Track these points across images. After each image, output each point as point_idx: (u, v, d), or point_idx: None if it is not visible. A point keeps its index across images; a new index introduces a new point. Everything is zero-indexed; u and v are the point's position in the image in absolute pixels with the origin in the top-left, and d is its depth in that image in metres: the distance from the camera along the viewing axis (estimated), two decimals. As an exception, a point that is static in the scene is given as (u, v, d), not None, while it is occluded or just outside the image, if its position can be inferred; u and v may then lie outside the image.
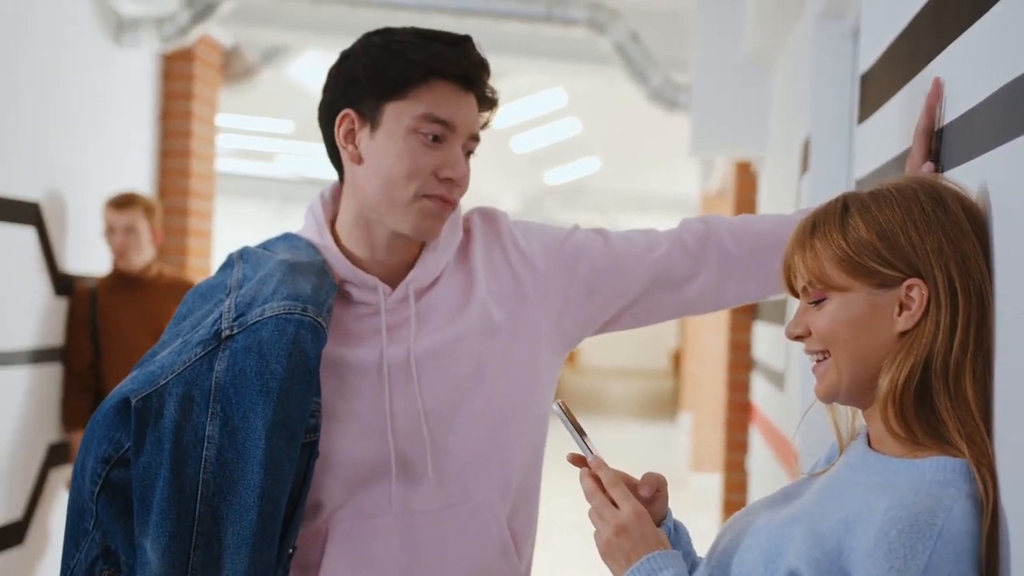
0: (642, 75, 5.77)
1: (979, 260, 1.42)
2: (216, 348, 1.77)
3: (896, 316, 1.43)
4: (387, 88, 1.82)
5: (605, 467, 1.59)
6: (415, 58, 1.81)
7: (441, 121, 1.82)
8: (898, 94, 2.10)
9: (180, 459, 1.73)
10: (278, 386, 1.73)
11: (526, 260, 1.97)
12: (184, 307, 1.91)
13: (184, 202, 5.93)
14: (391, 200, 1.84)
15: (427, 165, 1.82)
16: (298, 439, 1.76)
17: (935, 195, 1.45)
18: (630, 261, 1.99)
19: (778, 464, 4.52)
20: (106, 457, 1.76)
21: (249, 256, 1.92)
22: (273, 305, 1.77)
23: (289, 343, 1.74)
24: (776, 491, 1.62)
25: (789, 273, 1.53)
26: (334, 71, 1.89)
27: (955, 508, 1.32)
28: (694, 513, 9.32)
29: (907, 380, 1.40)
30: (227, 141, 12.15)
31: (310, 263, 1.85)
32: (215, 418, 1.74)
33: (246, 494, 1.73)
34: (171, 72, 5.94)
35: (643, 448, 14.04)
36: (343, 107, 1.85)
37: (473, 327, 1.89)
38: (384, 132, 1.82)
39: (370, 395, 1.84)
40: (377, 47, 1.84)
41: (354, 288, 1.88)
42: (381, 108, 1.82)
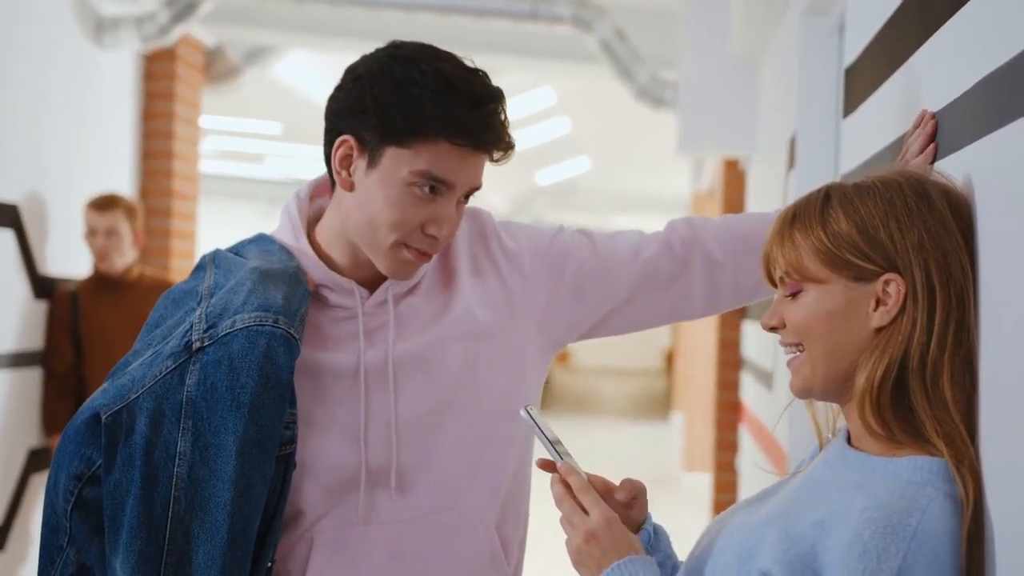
0: (628, 72, 5.75)
1: (961, 257, 1.39)
2: (187, 361, 1.72)
3: (872, 311, 1.41)
4: (393, 133, 1.72)
5: (575, 472, 1.55)
6: (430, 115, 1.70)
7: (441, 181, 1.74)
8: (882, 87, 2.09)
9: (151, 476, 1.69)
10: (249, 400, 1.68)
11: (512, 261, 1.93)
12: (156, 313, 1.86)
13: (167, 203, 5.89)
14: (371, 240, 1.78)
15: (415, 219, 1.74)
16: (271, 454, 1.71)
17: (920, 189, 1.43)
18: (618, 264, 1.95)
19: (767, 464, 4.51)
20: (78, 475, 1.72)
21: (221, 261, 1.87)
22: (244, 316, 1.72)
23: (260, 356, 1.69)
24: (756, 493, 1.59)
25: (768, 263, 1.50)
26: (346, 85, 1.78)
27: (931, 508, 1.30)
28: (686, 513, 9.31)
29: (883, 378, 1.38)
30: (215, 143, 12.13)
31: (282, 270, 1.79)
32: (186, 434, 1.70)
33: (217, 512, 1.69)
34: (153, 72, 5.90)
35: (636, 448, 14.03)
36: (345, 131, 1.76)
37: (456, 330, 1.85)
38: (380, 174, 1.74)
39: (348, 400, 1.80)
40: (395, 84, 1.72)
41: (330, 292, 1.83)
42: (383, 148, 1.73)
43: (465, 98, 1.71)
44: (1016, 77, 1.28)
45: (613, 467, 11.80)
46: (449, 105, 1.70)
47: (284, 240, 1.86)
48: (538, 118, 11.52)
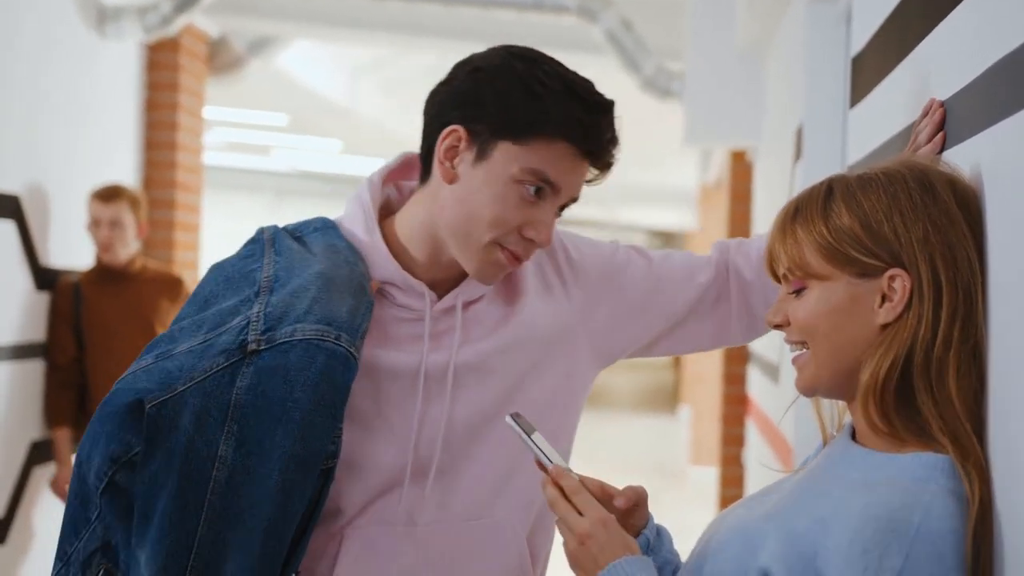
0: (634, 63, 5.71)
1: (968, 251, 1.36)
2: (240, 361, 1.66)
3: (877, 308, 1.38)
4: (511, 127, 1.68)
5: (566, 475, 1.52)
6: (554, 114, 1.68)
7: (549, 182, 1.70)
8: (890, 76, 2.06)
9: (188, 475, 1.64)
10: (300, 417, 1.63)
11: (576, 273, 1.90)
12: (206, 288, 1.79)
13: (171, 195, 5.87)
14: (465, 236, 1.73)
15: (516, 219, 1.71)
16: (315, 470, 1.66)
17: (924, 181, 1.40)
18: (673, 284, 1.93)
19: (774, 458, 4.48)
20: (114, 457, 1.66)
21: (283, 247, 1.79)
22: (305, 327, 1.66)
23: (318, 373, 1.64)
24: (758, 490, 1.57)
25: (771, 259, 1.47)
26: (460, 76, 1.74)
27: (934, 506, 1.28)
28: (693, 507, 9.29)
29: (888, 375, 1.35)
30: (221, 135, 12.11)
31: (348, 278, 1.73)
32: (230, 438, 1.64)
33: (253, 524, 1.64)
34: (156, 63, 5.87)
35: (643, 441, 14.02)
36: (455, 122, 1.72)
37: (517, 339, 1.81)
38: (488, 168, 1.70)
39: (404, 402, 1.75)
40: (518, 80, 1.69)
41: (398, 291, 1.78)
42: (494, 142, 1.69)
43: (587, 103, 1.70)
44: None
45: (621, 461, 11.83)
46: (572, 108, 1.68)
47: (354, 231, 1.80)
48: (545, 110, 11.42)
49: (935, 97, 1.65)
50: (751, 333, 1.99)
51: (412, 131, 8.05)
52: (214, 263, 1.82)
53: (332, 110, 9.48)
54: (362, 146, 12.37)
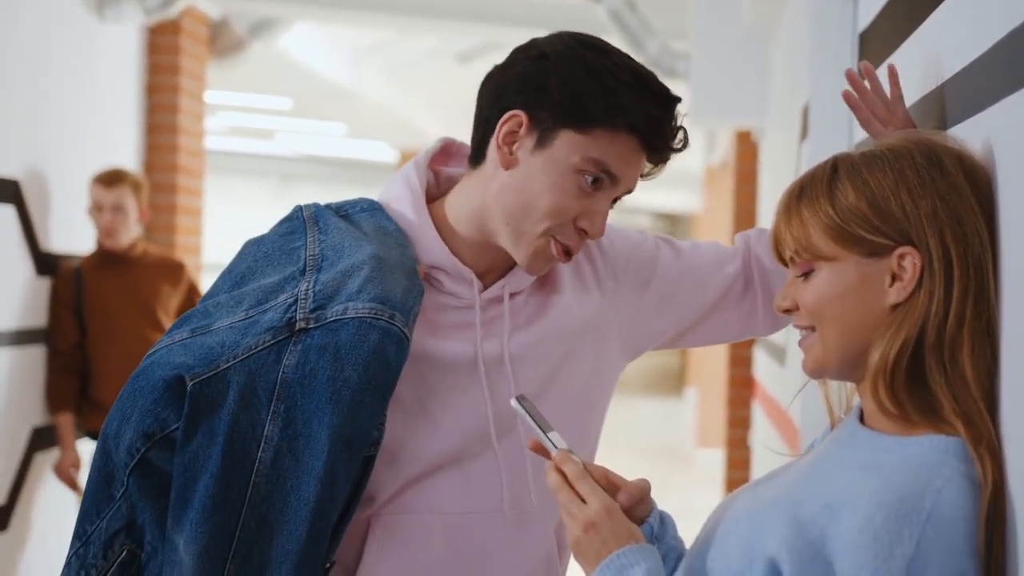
0: (638, 43, 5.67)
1: (978, 225, 1.33)
2: (287, 339, 1.61)
3: (888, 287, 1.35)
4: (577, 116, 1.64)
5: (570, 460, 1.49)
6: (625, 105, 1.64)
7: (610, 173, 1.66)
8: (898, 50, 2.03)
9: (232, 455, 1.59)
10: (350, 396, 1.59)
11: (608, 263, 1.87)
12: (243, 263, 1.74)
13: (172, 179, 5.85)
14: (519, 224, 1.69)
15: (572, 209, 1.67)
16: (361, 454, 1.62)
17: (931, 155, 1.36)
18: (702, 276, 1.90)
19: (780, 441, 4.46)
20: (149, 433, 1.61)
21: (328, 226, 1.74)
22: (358, 305, 1.61)
23: (370, 351, 1.59)
24: (764, 475, 1.53)
25: (777, 242, 1.44)
26: (524, 61, 1.69)
27: (946, 490, 1.25)
28: (699, 489, 9.28)
29: (899, 355, 1.32)
30: (225, 119, 12.10)
31: (400, 260, 1.69)
32: (276, 418, 1.60)
33: (298, 507, 1.60)
34: (156, 45, 5.84)
35: (650, 424, 14.03)
36: (517, 107, 1.67)
37: (553, 330, 1.79)
38: (548, 156, 1.66)
39: (450, 391, 1.72)
40: (588, 69, 1.64)
41: (446, 277, 1.74)
42: (557, 130, 1.65)
43: (657, 97, 1.67)
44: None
45: (628, 443, 11.83)
46: (641, 100, 1.64)
47: (403, 212, 1.76)
48: (549, 92, 11.39)
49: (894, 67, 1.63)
50: (776, 325, 1.96)
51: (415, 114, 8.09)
52: (249, 239, 1.78)
53: (335, 93, 9.45)
54: (366, 130, 12.34)
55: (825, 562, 1.25)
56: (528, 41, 1.72)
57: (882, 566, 1.21)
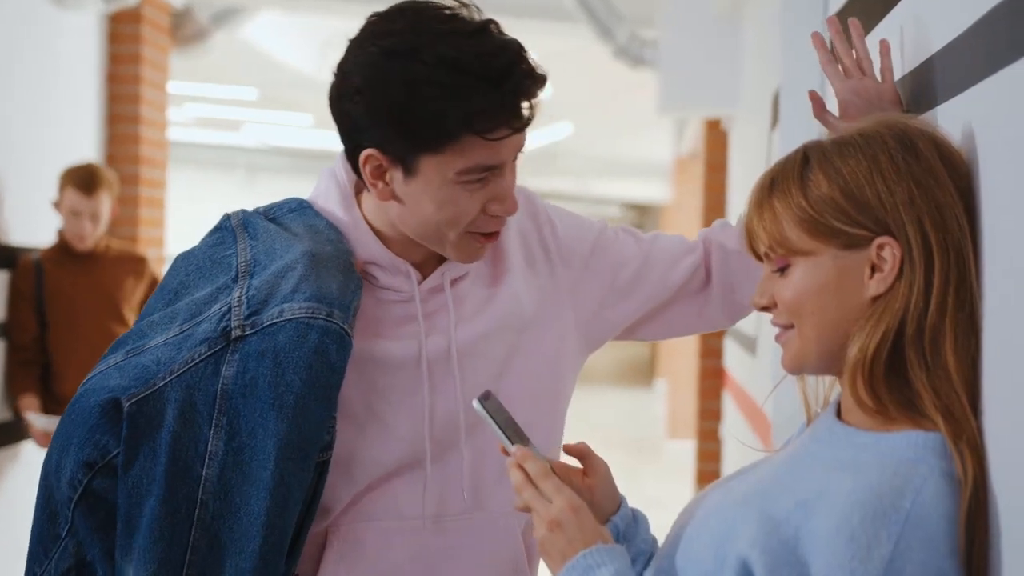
0: (607, 31, 5.63)
1: (956, 211, 1.29)
2: (224, 349, 1.56)
3: (868, 279, 1.30)
4: (421, 144, 1.55)
5: (532, 457, 1.44)
6: (454, 117, 1.53)
7: (489, 168, 1.58)
8: (872, 32, 1.99)
9: (176, 475, 1.54)
10: (294, 401, 1.53)
11: (563, 252, 1.81)
12: (175, 278, 1.68)
13: (135, 170, 5.78)
14: (433, 238, 1.63)
15: (474, 207, 1.60)
16: (311, 460, 1.57)
17: (905, 139, 1.32)
18: (661, 266, 1.86)
19: (752, 432, 4.43)
20: (89, 463, 1.56)
21: (257, 230, 1.68)
22: (293, 306, 1.56)
23: (310, 352, 1.54)
24: (736, 470, 1.49)
25: (750, 237, 1.39)
26: (347, 98, 1.59)
27: (925, 488, 1.21)
28: (670, 481, 9.27)
29: (878, 348, 1.28)
30: (190, 110, 12.01)
31: (335, 255, 1.63)
32: (219, 432, 1.55)
33: (249, 522, 1.54)
34: (117, 34, 5.78)
35: (619, 415, 14.03)
36: (367, 145, 1.58)
37: (503, 320, 1.73)
38: (422, 182, 1.58)
39: (398, 392, 1.66)
40: (402, 89, 1.53)
41: (380, 271, 1.68)
42: (416, 157, 1.56)
43: (483, 81, 1.53)
44: (1020, 13, 1.17)
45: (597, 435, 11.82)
46: (469, 97, 1.52)
47: (332, 210, 1.70)
48: (518, 82, 11.37)
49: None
50: (736, 315, 1.92)
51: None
52: (179, 253, 1.72)
53: (302, 83, 9.40)
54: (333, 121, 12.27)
55: (800, 562, 1.21)
56: (341, 59, 1.61)
57: (859, 568, 1.18)
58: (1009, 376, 1.18)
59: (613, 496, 1.54)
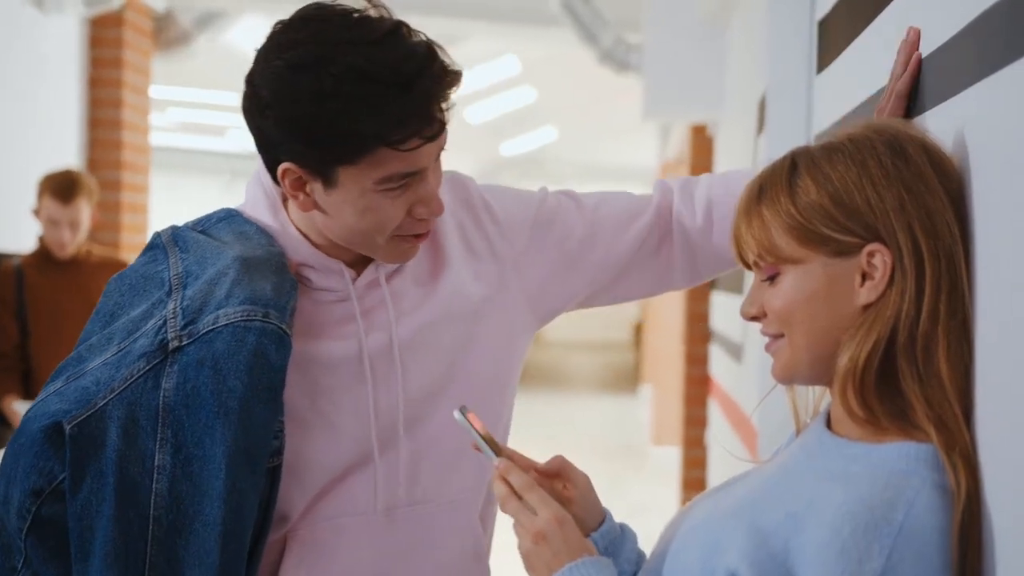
0: (592, 35, 5.62)
1: (947, 217, 1.27)
2: (162, 362, 1.54)
3: (858, 287, 1.28)
4: (335, 156, 1.52)
5: (515, 470, 1.42)
6: (366, 130, 1.49)
7: (408, 175, 1.55)
8: (860, 36, 1.98)
9: (126, 494, 1.51)
10: (238, 405, 1.51)
11: (501, 230, 1.77)
12: (109, 301, 1.65)
13: (116, 175, 5.76)
14: (360, 244, 1.61)
15: (398, 213, 1.57)
16: (263, 465, 1.55)
17: (895, 145, 1.30)
18: (611, 231, 1.81)
19: (738, 440, 4.41)
20: (36, 490, 1.53)
21: (187, 243, 1.66)
22: (228, 311, 1.54)
23: (250, 355, 1.52)
24: (723, 481, 1.47)
25: (739, 244, 1.36)
26: (256, 112, 1.55)
27: (918, 501, 1.19)
28: (655, 487, 9.25)
29: (869, 357, 1.26)
30: (174, 115, 11.98)
31: (267, 258, 1.60)
32: (165, 445, 1.52)
33: (205, 533, 1.52)
34: (99, 38, 5.75)
35: (604, 421, 14.01)
36: (283, 159, 1.55)
37: (447, 309, 1.70)
38: (342, 192, 1.55)
39: (344, 392, 1.64)
40: (310, 104, 1.49)
41: (313, 273, 1.65)
42: (334, 169, 1.53)
43: (393, 88, 1.49)
44: (1015, 15, 1.15)
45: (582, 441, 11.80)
46: (379, 108, 1.49)
47: (259, 218, 1.67)
48: (502, 87, 11.40)
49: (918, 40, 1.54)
50: (693, 280, 1.88)
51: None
52: (113, 276, 1.70)
53: (286, 88, 9.34)
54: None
55: (788, 575, 1.19)
56: (249, 71, 1.57)
57: None
58: (1003, 385, 1.16)
59: (595, 509, 1.52)
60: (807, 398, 1.44)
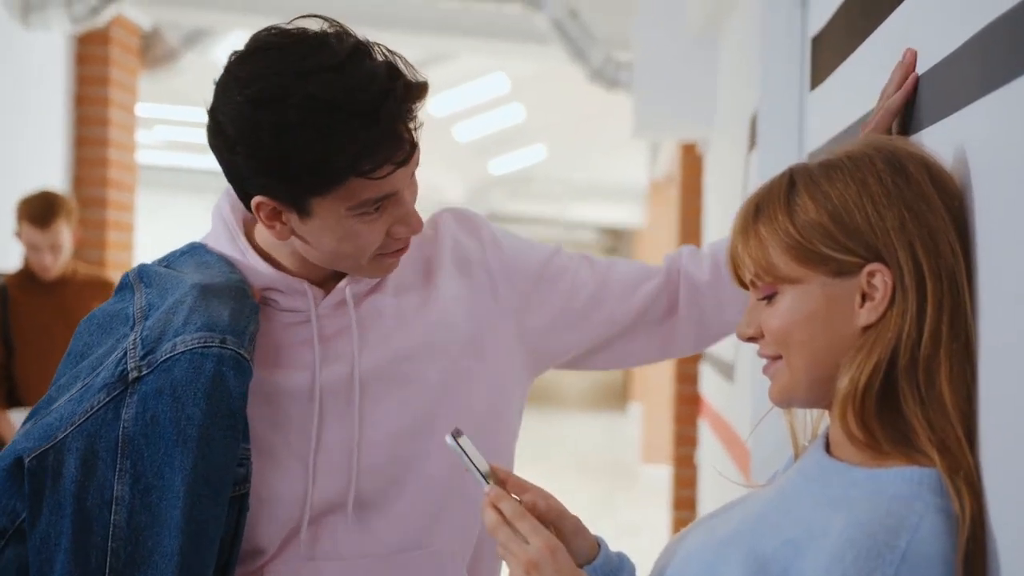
0: (582, 53, 5.60)
1: (949, 236, 1.24)
2: (123, 393, 1.52)
3: (858, 308, 1.25)
4: (305, 188, 1.50)
5: (506, 497, 1.38)
6: (335, 163, 1.47)
7: (382, 199, 1.53)
8: (855, 52, 1.96)
9: (84, 526, 1.49)
10: (197, 433, 1.48)
11: (509, 274, 1.74)
12: (79, 341, 1.64)
13: (102, 193, 5.72)
14: (342, 266, 1.59)
15: (377, 235, 1.55)
16: (224, 495, 1.51)
17: (894, 162, 1.27)
18: (617, 293, 1.79)
19: (730, 460, 4.38)
20: (1, 531, 1.51)
21: (151, 278, 1.64)
22: (186, 338, 1.52)
23: (207, 382, 1.50)
24: (719, 507, 1.43)
25: (735, 264, 1.33)
26: (221, 149, 1.53)
27: (922, 526, 1.16)
28: (645, 506, 9.21)
29: (869, 380, 1.22)
30: (161, 133, 11.94)
31: (225, 284, 1.58)
32: (124, 476, 1.50)
33: (163, 564, 1.48)
34: (85, 56, 5.73)
35: (593, 440, 13.97)
36: (255, 193, 1.53)
37: (433, 341, 1.66)
38: (318, 220, 1.53)
39: (304, 424, 1.60)
40: (274, 140, 1.47)
41: (280, 295, 1.62)
42: (307, 200, 1.51)
43: (357, 117, 1.46)
44: (1017, 30, 1.12)
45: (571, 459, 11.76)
46: (345, 137, 1.46)
47: (220, 248, 1.65)
48: (491, 105, 11.37)
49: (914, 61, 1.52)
50: (703, 345, 1.87)
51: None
52: (84, 318, 1.68)
53: (274, 106, 9.32)
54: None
55: None
56: (211, 104, 1.54)
57: None
58: (1007, 407, 1.14)
59: (587, 548, 1.45)
60: (805, 421, 1.41)
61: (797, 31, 2.87)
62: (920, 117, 1.49)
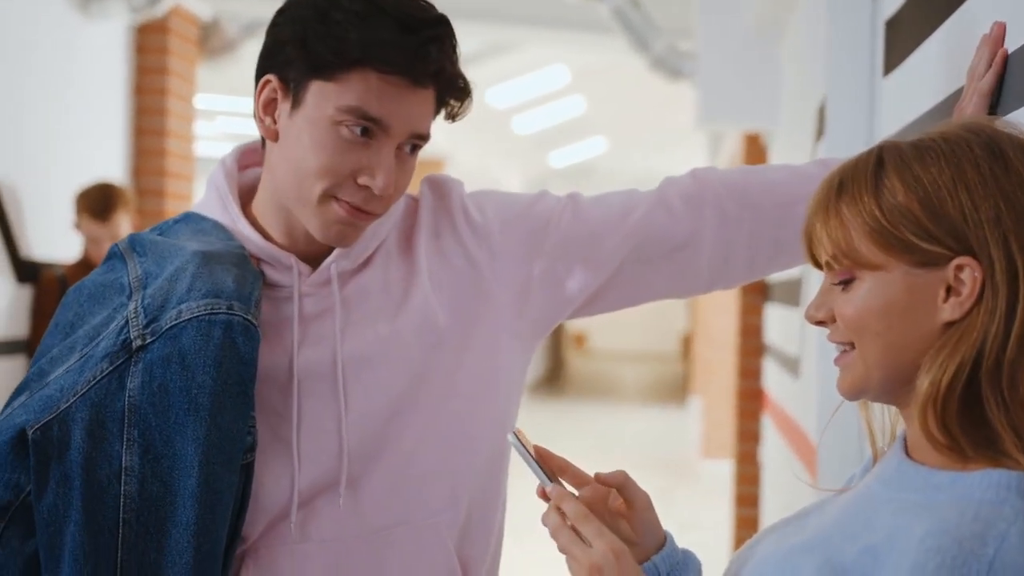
0: (643, 42, 5.52)
1: None
2: (127, 361, 1.50)
3: (942, 303, 1.16)
4: (315, 64, 1.51)
5: (569, 498, 1.32)
6: (354, 40, 1.49)
7: (372, 119, 1.51)
8: (931, 38, 1.87)
9: (94, 498, 1.47)
10: (209, 401, 1.47)
11: (479, 236, 1.68)
12: (68, 312, 1.61)
13: (160, 183, 5.73)
14: (299, 194, 1.55)
15: (345, 165, 1.52)
16: (237, 462, 1.49)
17: (993, 147, 1.17)
18: (605, 228, 1.69)
19: (794, 457, 4.30)
20: (4, 505, 1.49)
21: (144, 247, 1.62)
22: (191, 305, 1.50)
23: (217, 348, 1.48)
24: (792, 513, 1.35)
25: (811, 241, 1.24)
26: (269, 26, 1.58)
27: (1011, 533, 1.08)
28: (706, 502, 9.13)
29: (952, 382, 1.14)
30: (222, 124, 11.98)
31: (226, 251, 1.58)
32: (132, 446, 1.48)
33: (178, 534, 1.47)
34: (144, 45, 5.72)
35: (652, 434, 13.90)
36: (267, 72, 1.56)
37: (413, 329, 1.61)
38: (304, 115, 1.53)
39: (284, 406, 1.57)
40: (316, 11, 1.51)
41: (268, 268, 1.61)
42: (306, 84, 1.52)
43: (396, 21, 1.50)
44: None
45: (627, 455, 11.69)
46: (376, 29, 1.49)
47: (213, 215, 1.64)
48: (552, 97, 11.34)
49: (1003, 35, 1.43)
50: (719, 282, 1.75)
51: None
52: (72, 287, 1.66)
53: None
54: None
55: None
56: None
57: None
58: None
59: (655, 530, 1.42)
60: (883, 420, 1.33)
61: (867, 15, 2.79)
62: (1007, 98, 1.41)
